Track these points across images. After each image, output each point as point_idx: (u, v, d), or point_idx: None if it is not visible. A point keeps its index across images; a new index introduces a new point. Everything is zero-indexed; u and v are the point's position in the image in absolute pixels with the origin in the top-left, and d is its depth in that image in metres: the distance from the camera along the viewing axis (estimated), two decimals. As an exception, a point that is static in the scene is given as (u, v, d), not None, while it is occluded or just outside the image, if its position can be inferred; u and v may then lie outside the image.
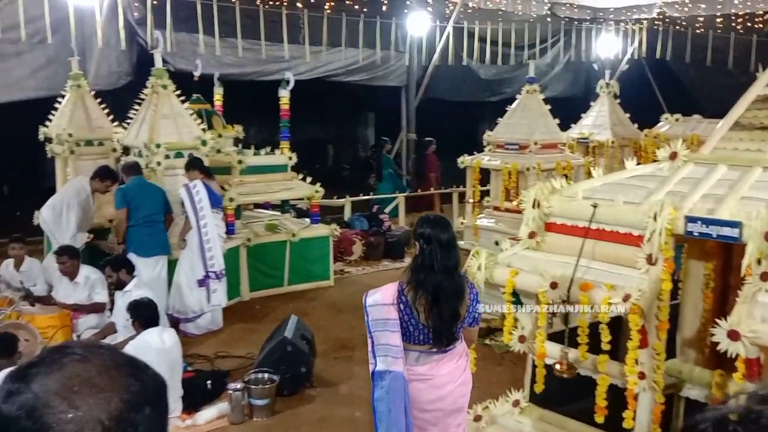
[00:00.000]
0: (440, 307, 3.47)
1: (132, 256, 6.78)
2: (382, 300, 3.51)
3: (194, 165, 7.14)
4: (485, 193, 10.15)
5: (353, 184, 13.87)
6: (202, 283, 6.98)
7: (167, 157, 7.25)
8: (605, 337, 3.43)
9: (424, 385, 3.54)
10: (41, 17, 9.89)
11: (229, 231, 8.14)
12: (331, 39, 12.94)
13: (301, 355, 5.72)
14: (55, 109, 8.81)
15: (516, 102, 9.80)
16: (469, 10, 14.44)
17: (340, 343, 6.71)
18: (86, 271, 6.71)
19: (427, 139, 13.56)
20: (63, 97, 8.88)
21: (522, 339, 3.92)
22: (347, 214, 11.53)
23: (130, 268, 6.18)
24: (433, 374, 3.55)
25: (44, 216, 7.57)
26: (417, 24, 13.66)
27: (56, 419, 1.03)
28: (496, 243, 8.34)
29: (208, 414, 5.25)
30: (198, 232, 6.98)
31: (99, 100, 8.96)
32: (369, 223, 10.84)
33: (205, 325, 7.16)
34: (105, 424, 1.03)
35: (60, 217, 7.47)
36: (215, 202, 7.15)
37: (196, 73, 9.29)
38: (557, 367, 3.63)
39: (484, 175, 10.03)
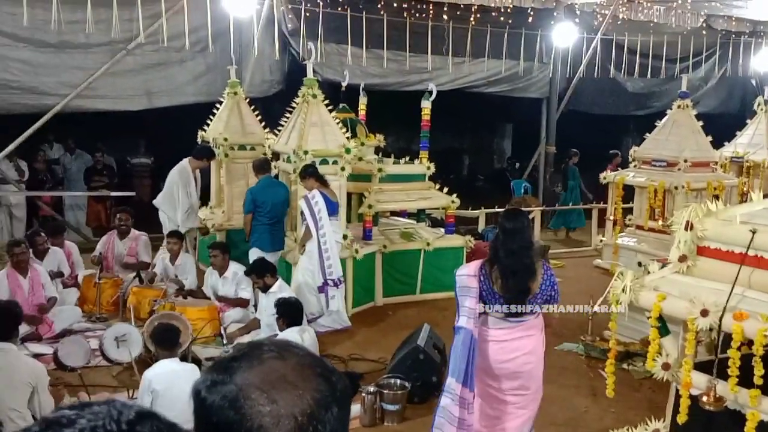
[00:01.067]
0: (508, 281, 4.10)
1: (255, 249, 7.40)
2: (467, 272, 4.25)
3: (309, 173, 7.20)
4: (627, 211, 9.82)
5: (488, 195, 13.79)
6: (321, 290, 7.13)
7: (313, 163, 7.53)
8: (758, 370, 3.24)
9: (497, 346, 4.20)
10: (204, 27, 10.55)
11: (366, 237, 8.36)
12: (474, 50, 12.96)
13: (433, 364, 5.76)
14: (213, 114, 9.40)
15: (666, 117, 9.41)
16: (619, 22, 14.00)
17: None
18: (234, 267, 7.14)
19: (612, 152, 13.25)
20: (219, 103, 9.46)
21: (666, 366, 3.77)
22: (481, 225, 11.48)
23: (273, 271, 6.49)
24: (505, 339, 4.20)
25: (158, 202, 8.33)
26: (563, 35, 13.41)
27: (256, 411, 1.11)
28: (639, 264, 8.05)
29: (341, 414, 5.40)
30: (317, 241, 7.11)
31: (252, 107, 9.49)
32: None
33: (327, 324, 7.31)
34: (298, 420, 1.11)
35: (171, 199, 8.20)
36: (332, 209, 7.24)
37: (344, 83, 9.59)
38: (704, 398, 3.47)
39: (628, 192, 9.71)
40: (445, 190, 9.06)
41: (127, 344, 6.01)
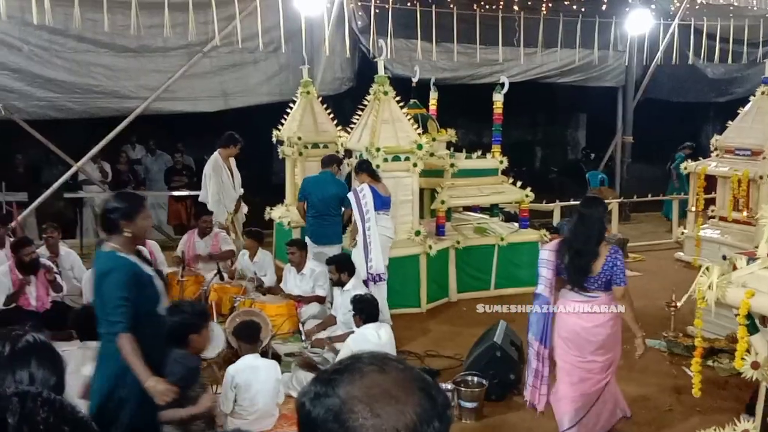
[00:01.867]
0: (573, 260, 4.64)
1: (307, 240, 7.65)
2: (549, 248, 4.90)
3: (363, 168, 7.30)
4: (710, 202, 9.51)
5: (562, 188, 13.55)
6: (365, 284, 7.02)
7: (386, 160, 7.57)
8: None
9: (574, 317, 4.72)
10: (276, 28, 10.72)
11: (439, 233, 8.37)
12: (546, 40, 12.75)
13: (510, 362, 5.72)
14: (286, 113, 9.55)
15: (749, 104, 9.06)
16: (697, 6, 13.51)
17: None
18: (312, 264, 7.25)
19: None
20: (293, 102, 9.61)
21: (756, 365, 3.64)
22: (556, 218, 11.29)
23: (352, 271, 6.55)
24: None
25: (202, 197, 8.71)
26: (638, 22, 13.04)
27: (359, 424, 1.13)
28: (723, 257, 7.78)
29: (418, 411, 5.41)
30: (363, 234, 7.10)
31: (324, 105, 9.60)
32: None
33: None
34: None
35: (206, 191, 8.61)
36: (380, 204, 7.23)
37: (414, 79, 9.59)
38: (797, 399, 3.34)
39: (709, 182, 9.39)
40: (518, 183, 8.96)
41: (211, 340, 6.18)
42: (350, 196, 7.27)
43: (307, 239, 7.74)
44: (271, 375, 4.95)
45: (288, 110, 9.57)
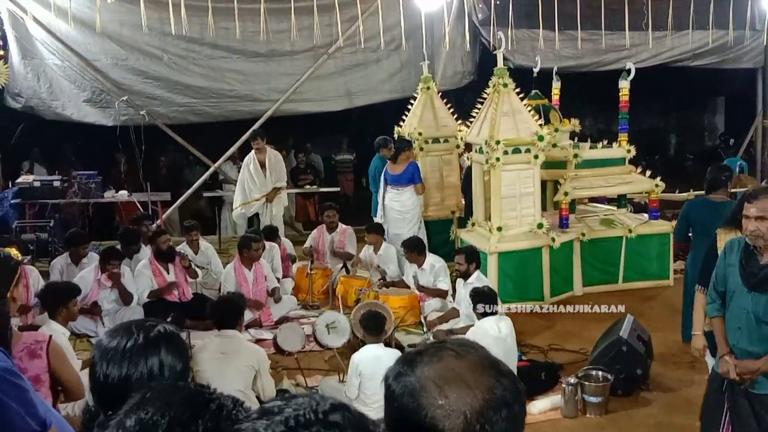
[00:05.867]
0: None
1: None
2: None
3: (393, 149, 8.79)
4: None
5: (698, 176, 12.88)
6: None
7: (506, 153, 7.54)
8: None
9: None
10: (397, 26, 10.87)
11: (563, 225, 8.23)
12: (676, 22, 12.16)
13: (636, 356, 5.57)
14: (407, 109, 9.71)
15: None
16: None
17: (680, 347, 6.35)
18: (431, 260, 7.36)
19: None
20: (413, 98, 9.75)
21: None
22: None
23: (479, 262, 6.60)
24: None
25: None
26: (778, -2, 12.17)
27: (429, 403, 1.24)
28: None
29: (541, 404, 5.41)
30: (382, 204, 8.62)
31: (445, 99, 9.67)
32: (717, 221, 10.01)
33: None
34: (467, 417, 1.22)
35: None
36: (391, 180, 8.52)
37: (536, 69, 9.46)
38: None
39: None
40: (648, 173, 8.66)
41: (337, 331, 6.46)
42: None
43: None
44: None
45: (409, 106, 9.72)
